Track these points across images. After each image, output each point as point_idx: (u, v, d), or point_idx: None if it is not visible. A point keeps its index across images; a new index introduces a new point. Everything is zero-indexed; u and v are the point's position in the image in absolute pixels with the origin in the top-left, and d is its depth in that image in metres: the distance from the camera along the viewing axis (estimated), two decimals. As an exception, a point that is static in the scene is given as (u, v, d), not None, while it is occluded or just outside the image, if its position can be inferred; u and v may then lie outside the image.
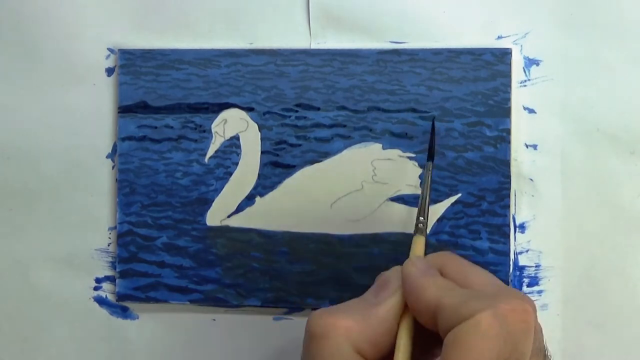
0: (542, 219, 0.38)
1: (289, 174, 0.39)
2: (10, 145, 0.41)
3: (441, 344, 0.29)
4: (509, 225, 0.38)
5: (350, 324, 0.30)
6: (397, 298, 0.31)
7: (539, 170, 0.38)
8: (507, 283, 0.38)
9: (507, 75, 0.38)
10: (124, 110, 0.40)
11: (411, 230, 0.38)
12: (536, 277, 0.38)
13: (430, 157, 0.36)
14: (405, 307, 0.31)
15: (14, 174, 0.41)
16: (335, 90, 0.39)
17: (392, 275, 0.32)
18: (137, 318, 0.41)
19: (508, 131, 0.38)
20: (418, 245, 0.34)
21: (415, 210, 0.38)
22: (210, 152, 0.40)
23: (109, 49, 0.41)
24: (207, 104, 0.40)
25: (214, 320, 0.40)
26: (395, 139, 0.39)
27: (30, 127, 0.41)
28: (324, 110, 0.39)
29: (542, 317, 0.38)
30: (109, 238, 0.41)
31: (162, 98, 0.40)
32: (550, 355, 0.32)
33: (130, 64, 0.40)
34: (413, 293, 0.31)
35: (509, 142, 0.38)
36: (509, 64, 0.38)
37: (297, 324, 0.40)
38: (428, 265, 0.32)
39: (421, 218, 0.34)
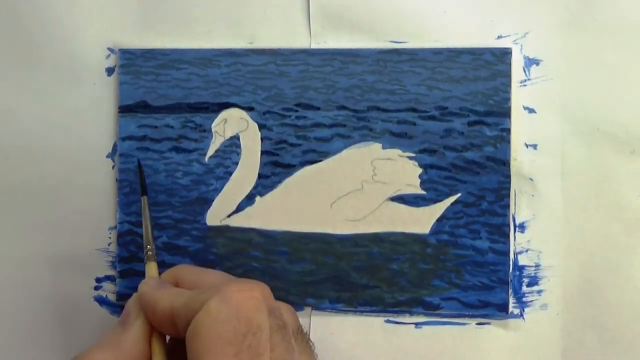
0: (542, 218, 0.38)
1: (289, 174, 0.39)
2: (10, 145, 0.41)
3: None
4: (508, 225, 0.38)
5: (106, 356, 0.32)
6: (140, 320, 0.33)
7: (538, 170, 0.38)
8: (506, 282, 0.38)
9: (507, 75, 0.38)
10: (124, 110, 0.40)
11: (411, 230, 0.39)
12: (536, 277, 0.38)
13: (143, 192, 0.38)
14: (152, 326, 0.33)
15: (14, 174, 0.41)
16: (336, 90, 0.39)
17: (132, 302, 0.34)
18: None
19: (508, 131, 0.38)
20: (151, 270, 0.36)
21: (415, 210, 0.38)
22: (211, 151, 0.40)
23: (109, 49, 0.41)
24: (207, 103, 0.40)
25: (214, 319, 0.40)
26: (395, 138, 0.39)
27: (31, 127, 0.41)
28: (324, 110, 0.39)
29: (542, 317, 0.38)
30: (109, 238, 0.41)
31: (163, 98, 0.40)
32: (309, 337, 0.34)
33: (131, 64, 0.40)
34: (149, 308, 0.33)
35: (508, 141, 0.38)
36: (509, 64, 0.38)
37: (297, 323, 0.40)
38: (160, 281, 0.35)
39: (149, 247, 0.37)
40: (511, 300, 0.38)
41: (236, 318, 0.30)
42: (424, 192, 0.38)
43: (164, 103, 0.40)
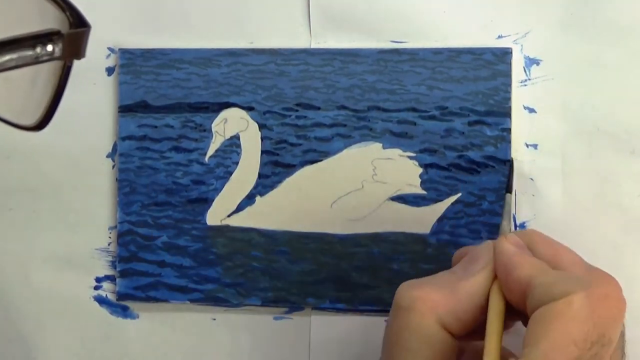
0: (542, 218, 0.38)
1: (289, 174, 0.39)
2: (10, 144, 0.41)
3: (515, 318, 0.29)
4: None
5: (437, 297, 0.30)
6: (487, 273, 0.31)
7: (539, 170, 0.38)
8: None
9: (508, 74, 0.38)
10: (124, 109, 0.40)
11: (411, 230, 0.38)
12: (536, 277, 0.38)
13: (509, 190, 0.37)
14: (494, 284, 0.31)
15: (14, 174, 0.41)
16: (336, 89, 0.39)
17: (483, 250, 0.32)
18: (137, 317, 0.41)
19: (508, 131, 0.38)
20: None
21: (415, 209, 0.38)
22: (211, 151, 0.40)
23: (109, 49, 0.41)
24: (207, 103, 0.40)
25: (214, 319, 0.40)
26: (396, 138, 0.39)
27: (31, 127, 0.41)
28: (324, 110, 0.39)
29: (542, 317, 0.38)
30: (109, 237, 0.41)
31: (163, 97, 0.40)
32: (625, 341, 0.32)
33: (131, 64, 0.40)
34: (506, 270, 0.31)
35: (509, 141, 0.38)
36: (510, 64, 0.38)
37: (297, 323, 0.40)
38: (521, 244, 0.32)
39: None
40: (511, 300, 0.38)
41: (594, 324, 0.28)
42: (424, 192, 0.38)
43: (164, 103, 0.40)
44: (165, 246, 0.40)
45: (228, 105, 0.40)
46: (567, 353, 0.28)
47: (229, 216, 0.39)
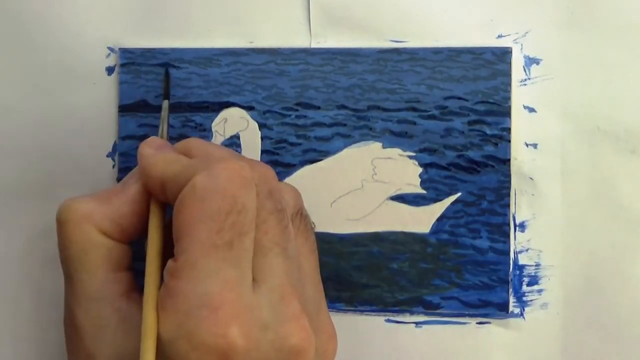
0: (542, 218, 0.38)
1: (289, 173, 0.39)
2: (10, 144, 0.41)
3: None
4: (509, 224, 0.38)
5: (91, 206, 0.32)
6: (140, 183, 0.32)
7: (539, 169, 0.38)
8: (507, 282, 0.38)
9: (508, 74, 0.38)
10: (124, 109, 0.40)
11: (411, 229, 0.38)
12: (536, 276, 0.38)
13: (166, 97, 0.38)
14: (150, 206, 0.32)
15: (14, 173, 0.41)
16: (336, 89, 0.39)
17: (137, 169, 0.33)
18: (137, 317, 0.41)
19: (508, 130, 0.38)
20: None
21: (415, 209, 0.38)
22: (211, 151, 0.40)
23: (109, 48, 0.41)
24: (207, 102, 0.40)
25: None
26: (396, 138, 0.39)
27: (31, 126, 0.41)
28: (324, 109, 0.39)
29: (542, 316, 0.38)
30: (109, 237, 0.41)
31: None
32: (313, 224, 0.34)
33: (131, 63, 0.40)
34: (144, 171, 0.32)
35: (509, 141, 0.38)
36: (509, 63, 0.38)
37: (297, 323, 0.39)
38: (163, 142, 0.33)
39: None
40: (511, 299, 0.38)
41: (221, 195, 0.29)
42: (424, 192, 0.38)
43: (164, 102, 0.40)
44: (165, 246, 0.40)
45: (228, 104, 0.40)
46: (208, 230, 0.28)
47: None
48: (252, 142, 0.39)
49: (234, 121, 0.40)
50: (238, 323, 0.28)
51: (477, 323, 0.38)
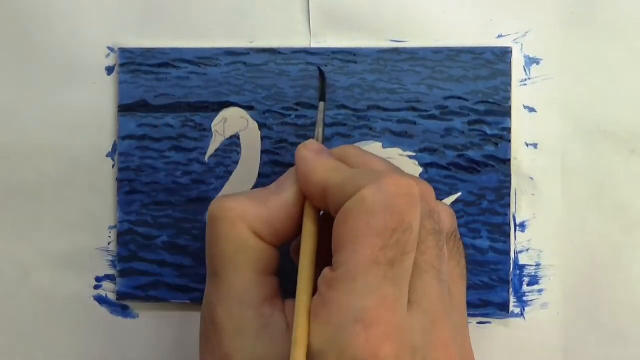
0: (542, 217, 0.38)
1: (289, 173, 0.39)
2: (10, 144, 0.41)
3: None
4: (509, 224, 0.38)
5: (246, 206, 0.31)
6: (297, 186, 0.32)
7: (539, 169, 0.38)
8: (507, 282, 0.38)
9: (508, 74, 0.38)
10: (124, 109, 0.40)
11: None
12: (536, 276, 0.38)
13: (322, 98, 0.37)
14: (305, 210, 0.32)
15: (13, 173, 0.41)
16: (336, 89, 0.39)
17: (293, 169, 0.33)
18: (138, 317, 0.41)
19: (508, 130, 0.38)
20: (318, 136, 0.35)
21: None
22: (211, 151, 0.40)
23: (108, 48, 0.40)
24: (207, 102, 0.40)
25: (214, 319, 0.40)
26: (396, 137, 0.39)
27: (30, 126, 0.41)
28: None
29: (542, 316, 0.38)
30: (109, 237, 0.41)
31: (162, 97, 0.40)
32: (462, 243, 0.33)
33: (131, 63, 0.40)
34: (303, 175, 0.31)
35: (509, 141, 0.38)
36: (510, 63, 0.38)
37: (297, 323, 0.39)
38: (322, 147, 0.33)
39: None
40: (512, 299, 0.38)
41: (389, 212, 0.28)
42: (424, 192, 0.38)
43: (164, 102, 0.40)
44: (165, 246, 0.40)
45: (228, 104, 0.40)
46: (372, 246, 0.28)
47: (229, 216, 0.39)
48: (252, 142, 0.39)
49: (234, 121, 0.40)
50: (390, 343, 0.27)
51: (477, 323, 0.38)
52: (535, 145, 0.38)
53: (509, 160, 0.38)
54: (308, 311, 0.29)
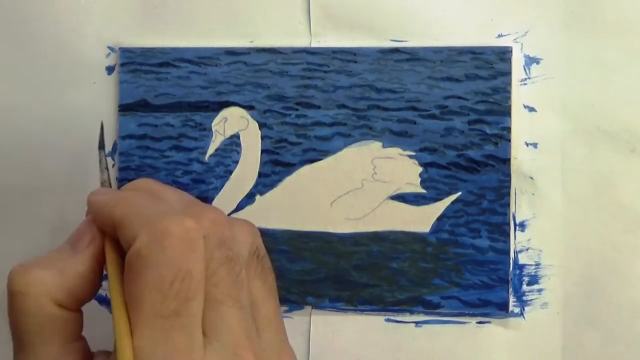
0: (542, 217, 0.38)
1: (289, 173, 0.39)
2: (10, 144, 0.41)
3: None
4: (509, 224, 0.38)
5: (47, 279, 0.30)
6: (93, 247, 0.32)
7: (539, 169, 0.38)
8: (507, 281, 0.38)
9: (508, 73, 0.38)
10: (124, 108, 0.40)
11: (411, 228, 0.38)
12: (536, 276, 0.38)
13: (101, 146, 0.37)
14: (106, 242, 0.32)
15: (14, 173, 0.41)
16: (336, 88, 0.39)
17: (86, 225, 0.33)
18: (137, 316, 0.41)
19: (508, 129, 0.38)
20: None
21: (415, 208, 0.38)
22: (211, 150, 0.40)
23: (109, 48, 0.41)
24: (207, 102, 0.40)
25: (214, 318, 0.40)
26: (396, 137, 0.39)
27: (30, 126, 0.41)
28: (324, 109, 0.39)
29: (542, 316, 0.38)
30: (109, 236, 0.41)
31: (163, 96, 0.40)
32: (266, 260, 0.33)
33: (131, 63, 0.40)
34: (95, 216, 0.32)
35: (509, 140, 0.38)
36: (509, 63, 0.38)
37: (297, 322, 0.39)
38: (109, 190, 0.33)
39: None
40: (511, 299, 0.38)
41: (163, 264, 0.28)
42: (424, 191, 0.38)
43: (164, 102, 0.40)
44: (165, 245, 0.40)
45: (228, 104, 0.40)
46: (151, 301, 0.28)
47: (228, 215, 0.39)
48: (252, 141, 0.39)
49: (234, 120, 0.40)
50: None
51: (477, 322, 0.38)
52: (535, 145, 0.38)
53: (509, 159, 0.38)
54: (131, 351, 0.29)
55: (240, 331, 0.29)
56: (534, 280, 0.38)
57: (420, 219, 0.38)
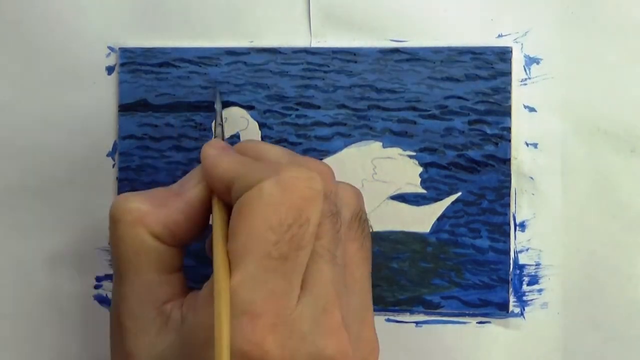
0: (542, 217, 0.38)
1: (290, 173, 0.39)
2: (10, 144, 0.41)
3: None
4: (509, 224, 0.38)
5: (145, 208, 0.31)
6: (200, 187, 0.32)
7: (539, 169, 0.38)
8: (507, 281, 0.38)
9: (508, 73, 0.38)
10: (124, 108, 0.40)
11: (411, 228, 0.38)
12: (536, 276, 0.38)
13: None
14: (215, 196, 0.32)
15: (13, 173, 0.41)
16: (336, 88, 0.39)
17: (197, 170, 0.33)
18: (137, 316, 0.41)
19: (508, 130, 0.38)
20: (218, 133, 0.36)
21: (415, 208, 0.38)
22: (211, 150, 0.40)
23: (109, 48, 0.41)
24: (207, 102, 0.40)
25: (214, 318, 0.40)
26: (396, 137, 0.39)
27: (31, 126, 0.41)
28: (325, 109, 0.39)
29: (542, 316, 0.38)
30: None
31: (163, 96, 0.40)
32: (369, 222, 0.33)
33: (131, 62, 0.40)
34: (209, 171, 0.31)
35: (509, 140, 0.38)
36: (510, 63, 0.38)
37: (297, 322, 0.39)
38: (225, 145, 0.33)
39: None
40: (512, 299, 0.38)
41: (287, 207, 0.28)
42: (424, 191, 0.38)
43: (164, 102, 0.40)
44: (165, 245, 0.40)
45: (228, 104, 0.40)
46: (264, 239, 0.28)
47: (229, 215, 0.39)
48: (253, 141, 0.39)
49: (234, 120, 0.40)
50: (275, 333, 0.28)
51: (477, 322, 0.38)
52: (535, 145, 0.38)
53: (509, 159, 0.38)
54: (228, 307, 0.29)
55: (332, 288, 0.29)
56: (534, 280, 0.38)
57: (421, 219, 0.38)
